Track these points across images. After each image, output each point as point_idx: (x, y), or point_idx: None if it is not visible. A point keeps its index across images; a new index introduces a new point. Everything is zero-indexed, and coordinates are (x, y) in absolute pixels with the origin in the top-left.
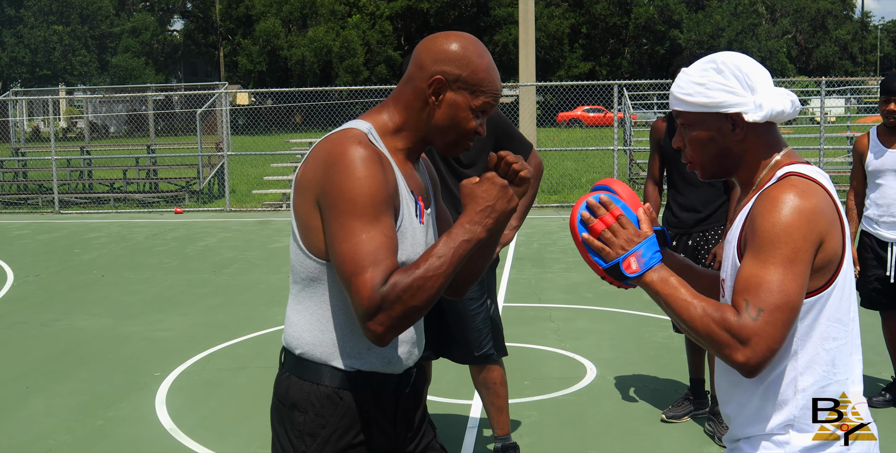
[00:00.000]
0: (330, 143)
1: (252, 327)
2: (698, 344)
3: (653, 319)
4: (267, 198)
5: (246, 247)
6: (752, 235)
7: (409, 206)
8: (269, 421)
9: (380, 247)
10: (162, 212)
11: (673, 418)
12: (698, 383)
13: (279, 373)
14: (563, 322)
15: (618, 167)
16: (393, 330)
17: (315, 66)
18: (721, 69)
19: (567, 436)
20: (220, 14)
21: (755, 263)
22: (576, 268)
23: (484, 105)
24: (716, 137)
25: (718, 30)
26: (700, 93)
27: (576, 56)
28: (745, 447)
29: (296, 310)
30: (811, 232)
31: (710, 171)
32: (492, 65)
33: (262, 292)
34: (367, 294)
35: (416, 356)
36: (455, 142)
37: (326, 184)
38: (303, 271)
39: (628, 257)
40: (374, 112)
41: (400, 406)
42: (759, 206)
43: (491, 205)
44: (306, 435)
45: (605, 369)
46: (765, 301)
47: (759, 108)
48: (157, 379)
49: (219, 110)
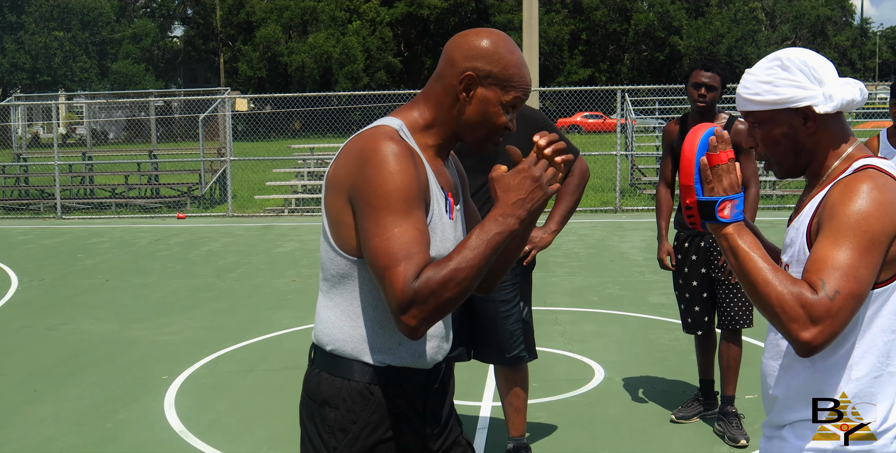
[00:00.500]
0: (362, 140)
1: (258, 331)
2: (759, 310)
3: (659, 322)
4: (269, 203)
5: (249, 252)
6: (830, 220)
7: (439, 202)
8: (278, 422)
9: (412, 241)
10: (164, 217)
11: (682, 419)
12: (707, 384)
13: (309, 370)
14: (569, 325)
15: (620, 173)
16: (426, 323)
17: (315, 72)
18: (787, 66)
19: (576, 437)
20: (221, 20)
21: (833, 247)
22: (580, 272)
23: (514, 100)
24: (789, 133)
25: (718, 36)
26: (769, 91)
27: (575, 62)
28: (789, 436)
29: (326, 306)
30: (888, 224)
31: (786, 168)
32: (522, 60)
33: (267, 296)
34: (401, 287)
35: (445, 351)
36: (485, 137)
37: (359, 179)
38: (333, 268)
39: (726, 201)
40: (404, 109)
41: (429, 401)
42: (837, 194)
43: (523, 197)
44: (337, 430)
45: (612, 371)
46: (841, 284)
47: (830, 99)
48: (165, 383)
49: (221, 116)
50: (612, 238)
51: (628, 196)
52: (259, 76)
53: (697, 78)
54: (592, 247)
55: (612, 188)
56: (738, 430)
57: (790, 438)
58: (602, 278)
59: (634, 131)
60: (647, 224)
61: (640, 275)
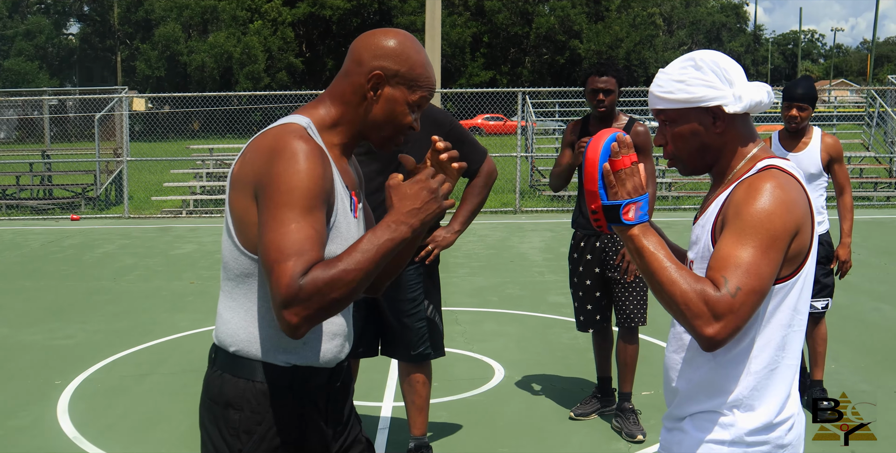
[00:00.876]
0: (271, 138)
1: (155, 334)
2: (666, 308)
3: (558, 321)
4: (167, 204)
5: (146, 254)
6: (734, 219)
7: (344, 201)
8: (177, 426)
9: (306, 239)
10: (57, 219)
11: (581, 416)
12: (605, 381)
13: (210, 371)
14: (469, 325)
15: (520, 174)
16: (308, 321)
17: (215, 72)
18: (699, 66)
19: (477, 436)
20: (119, 18)
21: (736, 244)
22: (480, 273)
23: (421, 100)
24: (698, 131)
25: (617, 40)
26: (681, 89)
27: (477, 65)
28: (688, 427)
29: (229, 307)
30: (789, 221)
31: (692, 165)
32: (428, 61)
33: (165, 299)
34: (286, 282)
35: (348, 350)
36: (390, 137)
37: (265, 175)
38: (237, 268)
39: (630, 204)
40: (310, 107)
41: (331, 400)
42: (741, 193)
43: (418, 207)
44: (242, 432)
45: (512, 370)
46: (743, 280)
47: (739, 99)
48: (58, 388)
49: (117, 115)
50: (511, 239)
51: (528, 197)
52: (157, 75)
53: (594, 84)
54: (492, 248)
55: (511, 189)
56: (635, 426)
57: (690, 430)
58: (502, 278)
59: (535, 133)
60: (546, 225)
61: (540, 276)
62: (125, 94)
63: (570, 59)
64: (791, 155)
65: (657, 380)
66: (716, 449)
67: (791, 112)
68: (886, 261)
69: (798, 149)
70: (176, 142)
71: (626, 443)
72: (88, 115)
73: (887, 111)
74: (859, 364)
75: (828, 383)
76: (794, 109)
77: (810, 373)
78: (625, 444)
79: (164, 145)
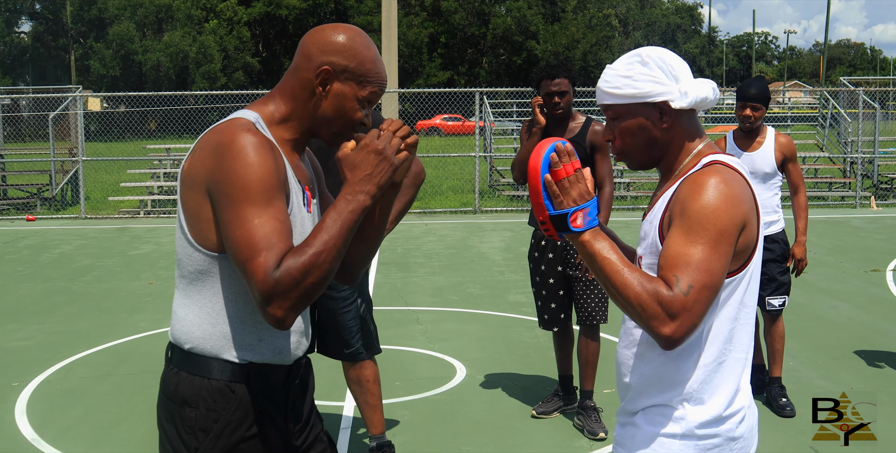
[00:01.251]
0: (218, 133)
1: (114, 335)
2: (623, 310)
3: (519, 320)
4: (124, 204)
5: (104, 255)
6: (681, 216)
7: (297, 195)
8: (137, 427)
9: (273, 232)
10: (12, 219)
11: (543, 414)
12: (567, 379)
13: (166, 370)
14: (430, 324)
15: (479, 174)
16: (293, 311)
17: (171, 71)
18: (646, 62)
19: (440, 434)
20: (72, 16)
21: (684, 242)
22: (441, 272)
23: (371, 95)
24: (645, 126)
25: (574, 41)
26: (628, 85)
27: (434, 65)
28: (641, 422)
29: (184, 304)
30: (736, 216)
31: (639, 160)
32: (378, 56)
33: (123, 299)
34: (262, 278)
35: (305, 346)
36: (340, 132)
37: (217, 172)
38: (191, 265)
39: (577, 211)
40: (259, 103)
41: (290, 397)
42: (686, 189)
43: (370, 172)
44: (198, 430)
45: (474, 369)
46: (694, 278)
47: (685, 95)
48: (15, 390)
49: (72, 114)
50: (471, 238)
51: (487, 197)
52: (112, 75)
53: (547, 88)
54: (452, 248)
55: (471, 189)
56: (596, 424)
57: (642, 424)
58: (462, 278)
59: (493, 133)
60: (505, 224)
61: (500, 275)
62: (79, 93)
63: (528, 60)
64: (746, 154)
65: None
66: (667, 442)
67: (745, 112)
68: (842, 259)
69: (752, 149)
70: (132, 142)
71: (587, 441)
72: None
73: (840, 112)
74: (817, 361)
75: (786, 380)
76: (748, 109)
77: (769, 370)
78: (587, 442)
79: (121, 145)
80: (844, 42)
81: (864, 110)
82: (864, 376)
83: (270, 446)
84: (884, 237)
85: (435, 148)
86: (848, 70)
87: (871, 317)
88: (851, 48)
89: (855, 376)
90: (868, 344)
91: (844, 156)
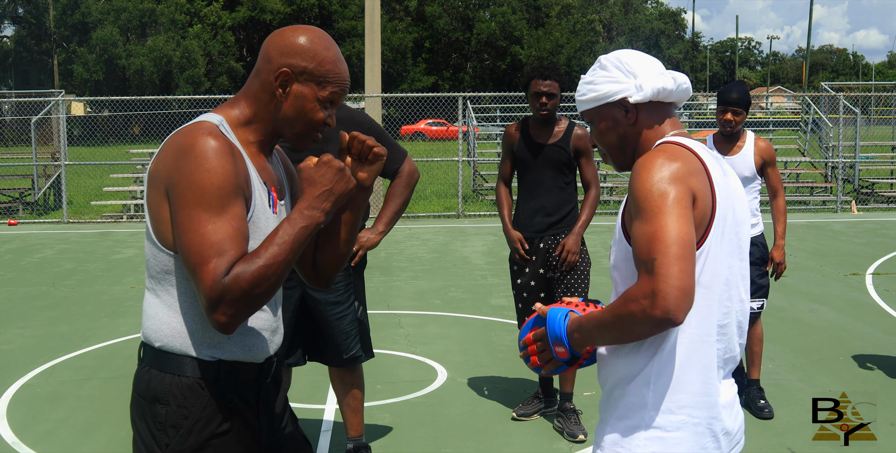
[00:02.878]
0: (181, 135)
1: (96, 339)
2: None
3: (500, 323)
4: (106, 209)
5: (86, 259)
6: (633, 203)
7: (262, 197)
8: (118, 430)
9: (225, 238)
10: None
11: (523, 416)
12: (547, 382)
13: (138, 368)
14: (412, 327)
15: (462, 179)
16: (237, 318)
17: (155, 76)
18: (604, 65)
19: (421, 437)
20: (55, 20)
21: (640, 225)
22: (423, 276)
23: (331, 95)
24: (613, 126)
25: (558, 46)
26: (591, 89)
27: (419, 70)
28: (609, 417)
29: (152, 303)
30: (682, 184)
31: (618, 160)
32: (339, 56)
33: (105, 303)
34: (209, 284)
35: (277, 343)
36: (303, 133)
37: (175, 174)
38: (157, 265)
39: (556, 357)
40: (225, 106)
41: (262, 395)
42: (632, 176)
43: (328, 188)
44: (168, 427)
45: (455, 372)
46: (653, 251)
47: (640, 88)
48: None
49: (55, 118)
50: (454, 242)
51: (471, 201)
52: (96, 79)
53: (537, 87)
54: (435, 252)
55: (454, 194)
56: (576, 426)
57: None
58: (445, 282)
59: (476, 138)
60: (488, 229)
61: (482, 279)
62: (62, 97)
63: (512, 65)
64: (726, 158)
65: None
66: (635, 436)
67: (726, 116)
68: (821, 263)
69: (732, 153)
70: (116, 147)
71: (567, 443)
72: (25, 119)
73: (822, 117)
74: (795, 363)
75: (765, 382)
76: (729, 113)
77: (748, 373)
78: (566, 444)
79: (104, 150)
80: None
81: (846, 115)
82: (842, 378)
83: (242, 443)
84: (864, 241)
85: (419, 153)
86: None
87: (850, 320)
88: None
89: (833, 378)
90: (847, 347)
91: (826, 161)
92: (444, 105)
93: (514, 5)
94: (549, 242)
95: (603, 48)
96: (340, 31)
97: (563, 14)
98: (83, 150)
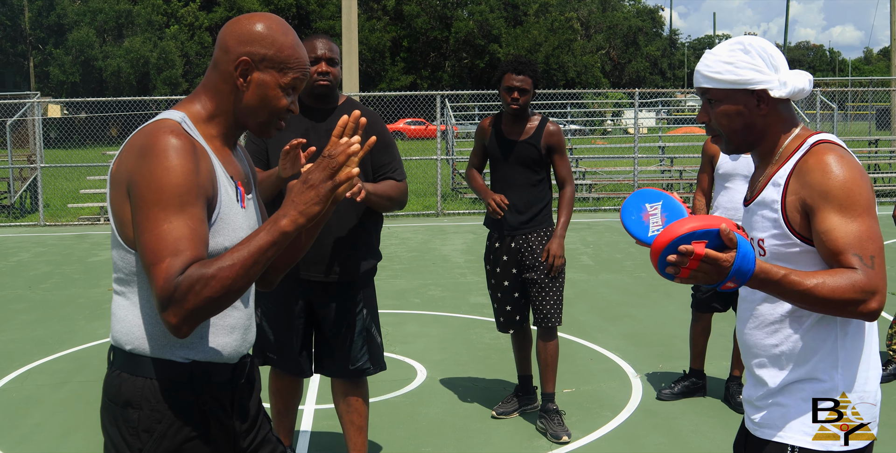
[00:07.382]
0: (143, 135)
1: (73, 342)
2: (824, 312)
3: (479, 321)
4: (83, 211)
5: (63, 262)
6: (825, 199)
7: (228, 192)
8: (95, 434)
9: (181, 238)
10: None
11: (503, 414)
12: (526, 379)
13: (108, 372)
14: (392, 326)
15: (441, 177)
16: (188, 321)
17: (132, 77)
18: (748, 50)
19: (400, 436)
20: (30, 22)
21: (844, 221)
22: (402, 275)
23: (293, 81)
24: (743, 112)
25: (536, 44)
26: (730, 71)
27: (397, 69)
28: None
29: (122, 306)
30: (869, 182)
31: (735, 143)
32: (297, 41)
33: (82, 306)
34: (161, 284)
35: (250, 343)
36: (267, 122)
37: (136, 174)
38: (125, 267)
39: (723, 284)
40: (186, 101)
41: (236, 396)
42: (812, 171)
43: (302, 210)
44: (142, 431)
45: (434, 370)
46: (871, 249)
47: (784, 85)
48: None
49: (30, 121)
50: (433, 241)
51: (449, 200)
52: (72, 81)
53: (509, 81)
54: (415, 251)
55: (433, 192)
56: (560, 427)
57: (789, 402)
58: (424, 280)
59: (455, 137)
60: (468, 227)
61: (462, 277)
62: (37, 99)
63: (490, 63)
64: (744, 156)
65: (578, 378)
66: (822, 415)
67: None
68: None
69: None
70: (93, 149)
71: (546, 441)
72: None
73: (799, 113)
74: None
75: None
76: None
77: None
78: (546, 442)
79: (81, 152)
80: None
81: (823, 111)
82: None
83: (217, 446)
84: None
85: None
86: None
87: None
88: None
89: None
90: None
91: None
92: (423, 104)
93: (492, 4)
94: (520, 242)
95: (581, 46)
96: (318, 31)
97: (541, 12)
98: (60, 153)
